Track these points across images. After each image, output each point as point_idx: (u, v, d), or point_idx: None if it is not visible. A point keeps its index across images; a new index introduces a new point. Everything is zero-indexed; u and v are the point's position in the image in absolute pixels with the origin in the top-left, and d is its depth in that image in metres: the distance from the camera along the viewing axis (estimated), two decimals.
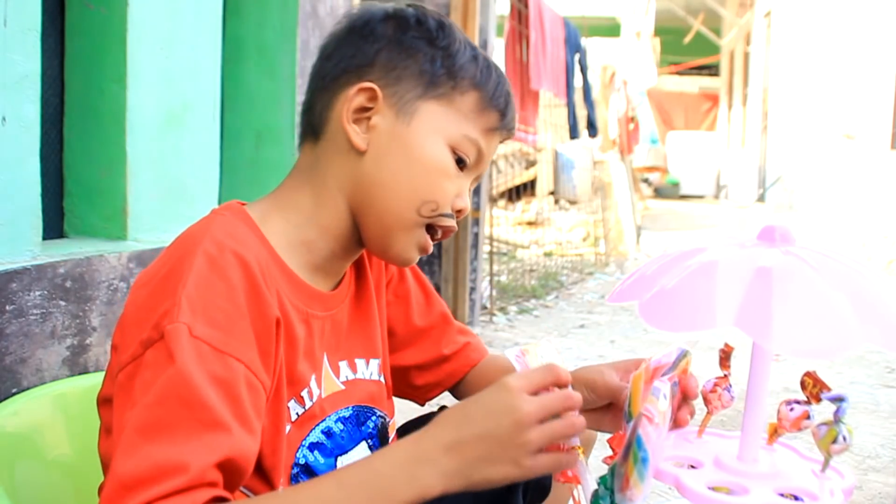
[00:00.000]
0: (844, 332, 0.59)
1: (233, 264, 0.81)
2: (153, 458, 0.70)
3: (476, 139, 0.94)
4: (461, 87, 0.93)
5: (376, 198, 0.92)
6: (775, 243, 0.66)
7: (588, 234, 7.35)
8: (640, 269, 0.73)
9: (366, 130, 0.93)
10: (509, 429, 0.72)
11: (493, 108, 0.95)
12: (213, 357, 0.75)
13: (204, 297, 0.78)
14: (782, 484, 0.70)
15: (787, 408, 0.73)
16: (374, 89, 0.91)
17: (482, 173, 1.00)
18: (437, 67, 0.93)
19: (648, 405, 0.65)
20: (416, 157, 0.92)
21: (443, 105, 0.93)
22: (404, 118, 0.92)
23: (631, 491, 0.65)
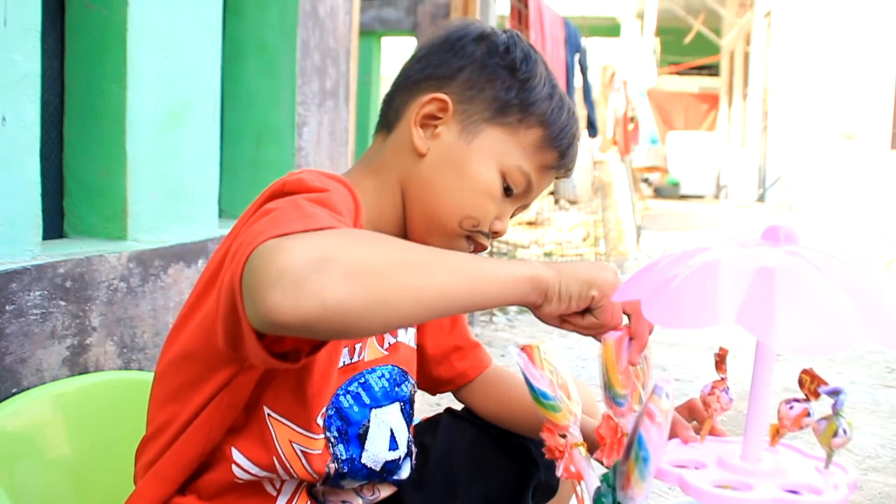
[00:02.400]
0: (846, 330, 0.59)
1: (336, 179, 0.87)
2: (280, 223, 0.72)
3: (528, 172, 0.99)
4: (528, 121, 0.98)
5: (425, 200, 0.99)
6: (779, 243, 0.66)
7: (588, 234, 7.35)
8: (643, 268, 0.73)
9: (430, 137, 0.99)
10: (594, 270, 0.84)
11: (554, 147, 1.00)
12: (328, 211, 0.79)
13: (317, 179, 0.84)
14: (786, 481, 0.70)
15: (786, 406, 0.73)
16: (446, 101, 0.97)
17: (528, 204, 1.05)
18: (511, 97, 0.98)
19: (650, 404, 0.65)
20: (468, 173, 0.97)
21: (506, 133, 0.98)
22: (467, 136, 0.98)
23: (632, 489, 0.65)
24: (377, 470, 1.01)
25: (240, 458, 0.92)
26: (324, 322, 0.66)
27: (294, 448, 0.93)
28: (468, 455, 1.17)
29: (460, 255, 0.79)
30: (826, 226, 7.52)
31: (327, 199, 0.79)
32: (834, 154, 9.05)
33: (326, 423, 0.96)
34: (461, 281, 0.75)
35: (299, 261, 0.65)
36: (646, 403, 0.66)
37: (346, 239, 0.71)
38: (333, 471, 0.96)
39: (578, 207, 8.67)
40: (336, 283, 0.65)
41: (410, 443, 1.08)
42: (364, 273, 0.68)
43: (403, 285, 0.70)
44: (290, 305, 0.64)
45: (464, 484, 1.14)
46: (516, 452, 1.17)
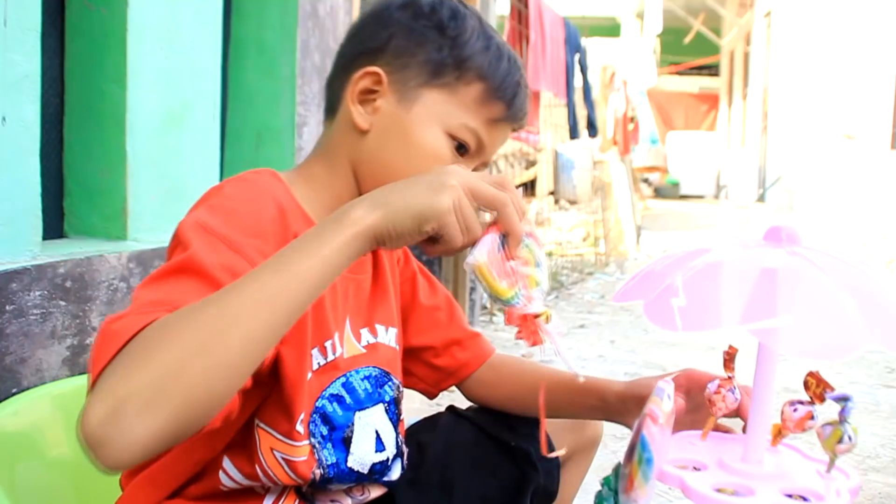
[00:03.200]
0: (851, 333, 0.58)
1: (262, 192, 0.89)
2: (145, 298, 0.72)
3: (476, 129, 0.96)
4: (466, 77, 0.95)
5: (376, 176, 0.95)
6: (781, 243, 0.66)
7: (588, 234, 7.34)
8: (644, 269, 0.73)
9: (371, 112, 0.96)
10: (433, 172, 0.77)
11: (499, 99, 0.96)
12: (226, 252, 0.79)
13: (227, 206, 0.85)
14: (788, 485, 0.69)
15: (790, 408, 0.73)
16: (378, 73, 0.95)
17: (487, 161, 1.02)
18: (444, 56, 0.95)
19: (653, 405, 0.65)
20: (412, 142, 0.95)
21: (445, 94, 0.95)
22: (406, 104, 0.95)
23: (635, 492, 0.65)
24: (364, 472, 1.00)
25: (229, 466, 0.92)
26: (160, 444, 0.64)
27: (276, 456, 0.92)
28: (467, 455, 1.15)
29: (273, 262, 0.71)
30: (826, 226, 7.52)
31: (190, 262, 0.75)
32: (834, 154, 9.06)
33: (310, 428, 0.94)
34: (281, 296, 0.69)
35: (96, 423, 0.63)
36: (647, 405, 0.65)
37: (145, 349, 0.66)
38: (319, 476, 0.95)
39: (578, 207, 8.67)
40: (137, 424, 0.62)
41: (400, 443, 1.07)
42: (161, 391, 0.63)
43: (211, 363, 0.65)
44: (116, 458, 0.63)
45: (461, 485, 1.13)
46: (516, 455, 1.16)
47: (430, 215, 0.75)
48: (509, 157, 9.09)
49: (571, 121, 5.56)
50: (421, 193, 0.75)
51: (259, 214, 0.86)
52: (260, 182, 0.92)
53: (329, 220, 0.74)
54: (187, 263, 0.76)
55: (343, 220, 0.73)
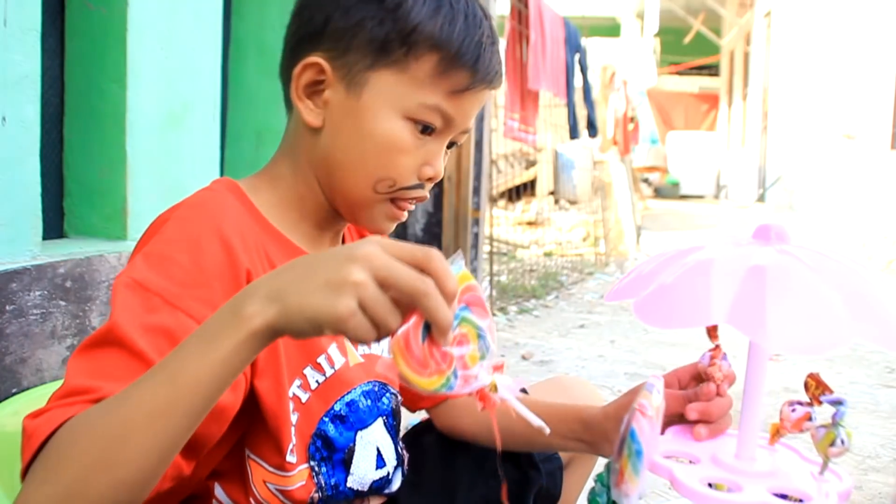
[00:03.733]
0: (837, 329, 0.59)
1: (203, 227, 0.81)
2: (70, 381, 0.70)
3: (438, 105, 0.86)
4: (416, 50, 0.84)
5: (335, 175, 0.89)
6: (770, 242, 0.67)
7: (588, 234, 7.35)
8: (637, 268, 0.73)
9: (321, 105, 0.88)
10: (338, 257, 0.62)
11: (460, 66, 0.85)
12: (164, 310, 0.74)
13: (164, 253, 0.78)
14: (778, 484, 0.70)
15: (789, 409, 0.73)
16: (318, 63, 0.87)
17: (465, 130, 0.92)
18: (387, 31, 0.84)
19: (642, 399, 0.66)
20: (366, 132, 0.86)
21: (395, 73, 0.85)
22: (355, 91, 0.86)
23: (626, 485, 0.65)
24: (364, 490, 0.97)
25: (221, 495, 0.90)
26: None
27: (269, 488, 0.89)
28: (469, 457, 1.15)
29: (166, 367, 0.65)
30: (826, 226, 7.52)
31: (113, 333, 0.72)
32: (834, 154, 9.05)
33: (310, 451, 0.91)
34: (175, 406, 0.63)
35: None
36: (637, 399, 0.66)
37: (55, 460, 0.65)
38: (317, 498, 0.92)
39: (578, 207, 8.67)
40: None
41: (400, 451, 1.03)
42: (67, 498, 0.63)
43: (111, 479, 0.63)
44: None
45: (463, 487, 1.12)
46: (519, 457, 1.16)
47: (326, 321, 0.61)
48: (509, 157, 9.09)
49: (571, 121, 5.57)
50: (317, 294, 0.61)
51: (200, 259, 0.78)
52: (207, 211, 0.83)
53: (223, 313, 0.65)
54: (111, 334, 0.72)
55: (236, 317, 0.63)
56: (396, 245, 0.63)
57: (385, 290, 0.61)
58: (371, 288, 0.60)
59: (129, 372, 0.69)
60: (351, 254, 0.62)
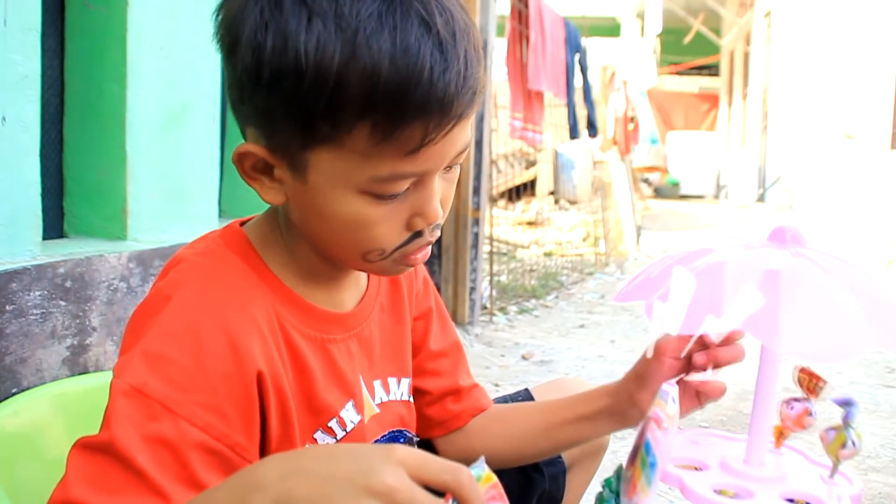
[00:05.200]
0: (854, 336, 0.58)
1: (207, 319, 0.74)
2: (72, 489, 0.66)
3: (393, 172, 0.71)
4: (344, 124, 0.68)
5: (320, 247, 0.82)
6: (785, 245, 0.66)
7: (588, 234, 7.34)
8: (645, 269, 0.72)
9: (278, 181, 0.77)
10: (355, 479, 0.55)
11: (404, 122, 0.68)
12: (164, 418, 0.68)
13: (163, 353, 0.71)
14: (789, 488, 0.69)
15: (787, 407, 0.72)
16: (250, 152, 0.75)
17: (457, 157, 0.77)
18: (303, 111, 0.69)
19: (657, 408, 0.65)
20: (327, 217, 0.75)
21: (332, 151, 0.71)
22: (300, 173, 0.74)
23: (637, 496, 0.64)
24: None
25: None
26: None
27: None
28: None
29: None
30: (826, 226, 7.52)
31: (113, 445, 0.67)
32: (834, 154, 9.05)
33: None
34: None
35: None
36: (651, 408, 0.65)
37: None
38: None
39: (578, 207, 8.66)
40: None
41: None
42: None
43: None
44: None
45: None
46: None
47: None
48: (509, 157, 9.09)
49: (571, 121, 5.56)
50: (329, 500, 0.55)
51: (203, 359, 0.71)
52: (211, 296, 0.76)
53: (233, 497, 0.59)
54: (111, 447, 0.67)
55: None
56: (422, 464, 0.56)
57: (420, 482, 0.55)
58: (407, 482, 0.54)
59: (130, 488, 0.66)
60: (377, 456, 0.55)
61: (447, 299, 3.71)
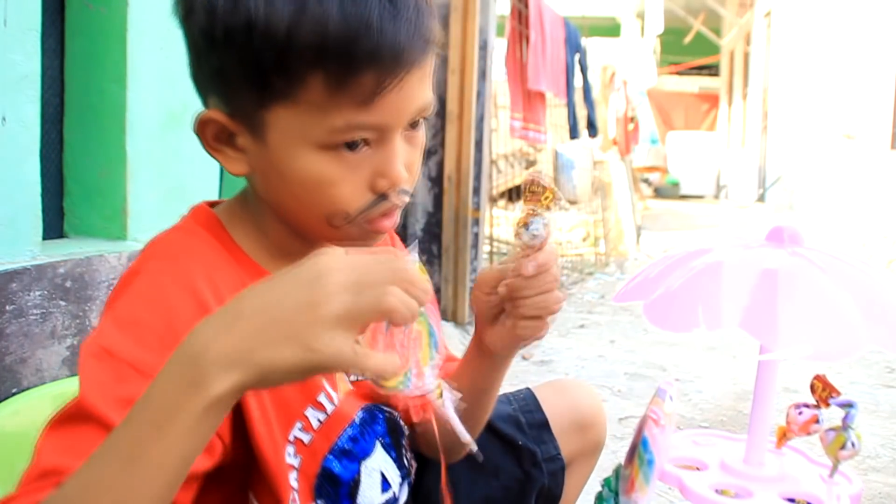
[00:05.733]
0: (851, 335, 0.58)
1: (175, 284, 0.74)
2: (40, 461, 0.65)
3: (350, 122, 0.71)
4: (297, 76, 0.69)
5: (286, 216, 0.81)
6: (783, 244, 0.66)
7: (588, 234, 7.34)
8: (645, 270, 0.72)
9: (240, 150, 0.78)
10: (297, 287, 0.53)
11: (355, 72, 0.69)
12: (135, 380, 0.67)
13: (133, 316, 0.71)
14: (788, 488, 0.69)
15: (795, 411, 0.72)
16: (211, 118, 0.77)
17: (419, 115, 0.77)
18: (256, 66, 0.70)
19: (654, 406, 0.65)
20: (289, 177, 0.75)
21: (288, 107, 0.72)
22: (259, 135, 0.75)
23: (636, 493, 0.64)
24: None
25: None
26: None
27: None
28: (470, 458, 1.14)
29: (120, 444, 0.57)
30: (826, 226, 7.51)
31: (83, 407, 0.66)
32: (834, 154, 9.05)
33: (316, 491, 0.86)
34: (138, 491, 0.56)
35: None
36: (649, 406, 0.65)
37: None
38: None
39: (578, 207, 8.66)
40: None
41: (407, 465, 0.99)
42: None
43: None
44: None
45: (465, 486, 1.11)
46: (521, 456, 1.15)
47: (313, 369, 0.55)
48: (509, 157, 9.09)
49: (571, 121, 5.56)
50: (291, 345, 0.54)
51: (173, 321, 0.71)
52: (179, 264, 0.77)
53: (172, 384, 0.56)
54: (82, 410, 0.66)
55: (192, 388, 0.55)
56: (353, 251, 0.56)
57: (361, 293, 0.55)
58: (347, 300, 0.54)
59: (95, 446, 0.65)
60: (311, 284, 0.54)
61: (447, 299, 3.71)
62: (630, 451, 0.67)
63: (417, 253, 0.61)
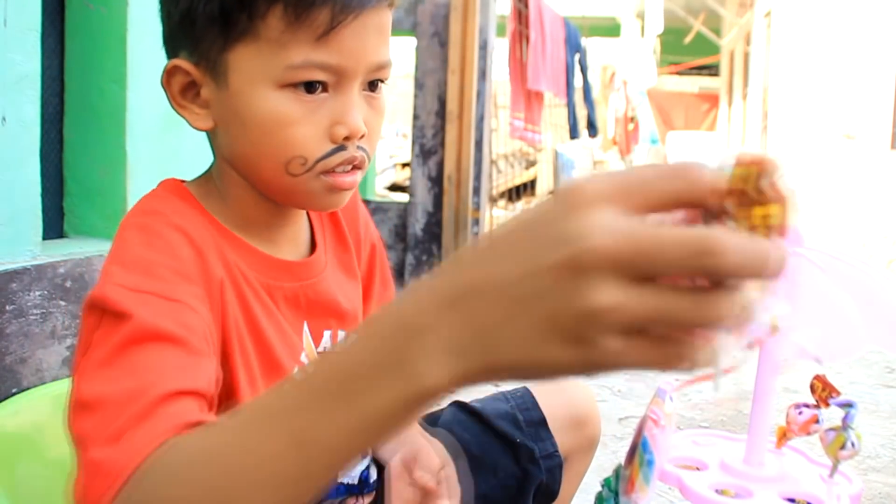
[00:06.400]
0: (851, 335, 0.58)
1: (165, 225, 0.76)
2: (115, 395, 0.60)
3: (307, 59, 0.74)
4: (257, 9, 0.73)
5: (247, 170, 0.82)
6: None
7: None
8: None
9: (205, 106, 0.80)
10: (561, 273, 0.37)
11: (313, 4, 0.72)
12: (163, 304, 0.67)
13: (138, 258, 0.72)
14: (788, 488, 0.69)
15: (795, 411, 0.72)
16: (177, 65, 0.79)
17: (377, 69, 0.79)
18: (220, 3, 0.74)
19: (654, 407, 0.65)
20: (248, 119, 0.77)
21: (249, 45, 0.75)
22: (223, 80, 0.77)
23: (636, 493, 0.64)
24: (355, 483, 0.95)
25: None
26: None
27: None
28: (468, 455, 1.14)
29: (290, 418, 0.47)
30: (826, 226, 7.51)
31: (141, 328, 0.63)
32: (834, 154, 9.05)
33: None
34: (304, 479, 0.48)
35: None
36: (649, 406, 0.65)
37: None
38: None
39: None
40: None
41: None
42: None
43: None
44: None
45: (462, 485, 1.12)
46: (519, 452, 1.15)
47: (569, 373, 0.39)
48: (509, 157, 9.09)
49: (571, 121, 5.56)
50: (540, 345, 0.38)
51: (178, 255, 0.73)
52: (165, 217, 0.78)
53: (375, 358, 0.44)
54: (139, 331, 0.64)
55: (403, 370, 0.42)
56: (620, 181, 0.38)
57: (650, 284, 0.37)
58: (632, 304, 0.36)
59: (175, 359, 0.63)
60: (572, 257, 0.37)
61: None
62: (630, 451, 0.67)
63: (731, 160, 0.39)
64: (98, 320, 0.67)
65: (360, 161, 0.80)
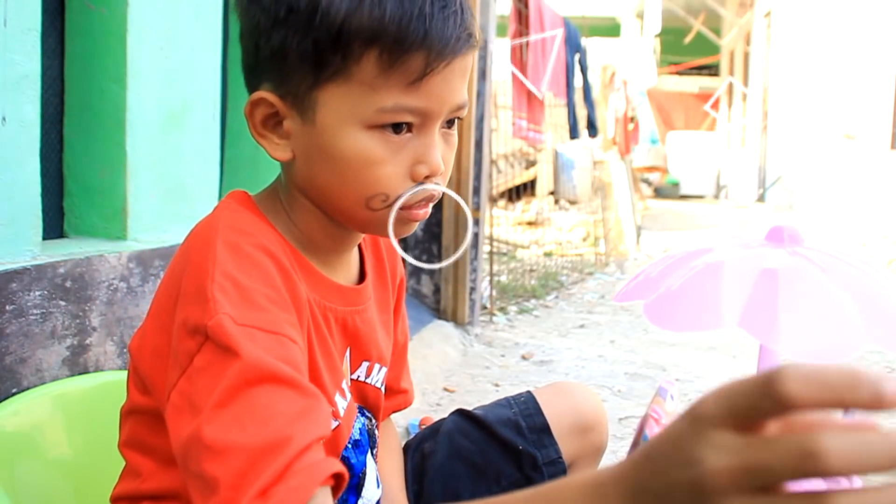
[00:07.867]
0: (851, 335, 0.58)
1: (256, 248, 0.76)
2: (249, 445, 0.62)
3: (398, 104, 0.76)
4: (352, 52, 0.74)
5: (325, 201, 0.84)
6: (783, 244, 0.66)
7: (588, 234, 7.34)
8: (645, 269, 0.72)
9: (285, 136, 0.82)
10: (694, 490, 0.44)
11: (406, 51, 0.74)
12: (268, 339, 0.69)
13: (237, 284, 0.72)
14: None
15: None
16: (263, 97, 0.80)
17: (457, 109, 0.81)
18: (315, 43, 0.75)
19: (655, 405, 0.65)
20: (334, 155, 0.78)
21: (340, 84, 0.76)
22: (309, 115, 0.79)
23: None
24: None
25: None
26: None
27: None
28: (470, 462, 1.13)
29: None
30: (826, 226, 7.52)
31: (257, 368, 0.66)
32: (834, 154, 9.06)
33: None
34: None
35: None
36: (650, 405, 0.65)
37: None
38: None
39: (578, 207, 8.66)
40: None
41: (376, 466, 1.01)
42: None
43: None
44: None
45: (465, 493, 1.11)
46: (522, 460, 1.14)
47: None
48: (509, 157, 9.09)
49: (571, 121, 5.57)
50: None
51: (273, 283, 0.75)
52: (248, 235, 0.78)
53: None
54: (251, 371, 0.65)
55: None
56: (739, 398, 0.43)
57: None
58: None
59: (294, 403, 0.65)
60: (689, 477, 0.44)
61: (447, 299, 3.71)
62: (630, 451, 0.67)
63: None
64: (199, 345, 0.69)
65: (436, 197, 0.84)
